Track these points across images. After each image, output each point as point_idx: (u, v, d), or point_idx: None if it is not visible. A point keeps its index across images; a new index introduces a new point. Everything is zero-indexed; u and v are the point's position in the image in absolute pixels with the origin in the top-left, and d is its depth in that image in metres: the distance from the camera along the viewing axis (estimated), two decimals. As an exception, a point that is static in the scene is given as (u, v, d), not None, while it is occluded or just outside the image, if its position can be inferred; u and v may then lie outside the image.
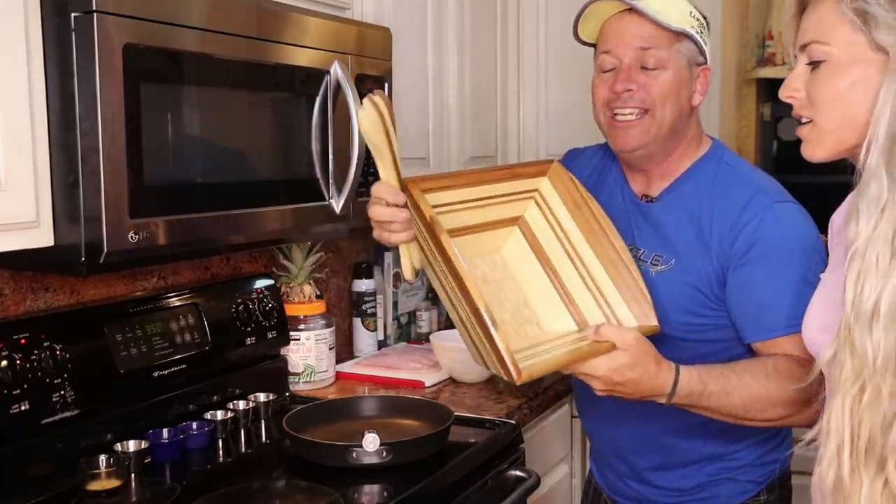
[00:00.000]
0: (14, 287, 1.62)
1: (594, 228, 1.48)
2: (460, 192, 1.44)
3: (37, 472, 1.53)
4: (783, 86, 1.16)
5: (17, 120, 1.28)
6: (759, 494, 1.63)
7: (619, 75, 1.53)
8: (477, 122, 2.54)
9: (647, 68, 1.52)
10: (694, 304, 1.53)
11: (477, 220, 1.46)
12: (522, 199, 1.51)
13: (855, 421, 1.03)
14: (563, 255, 1.48)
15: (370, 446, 1.58)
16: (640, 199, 1.62)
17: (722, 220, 1.51)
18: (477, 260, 1.43)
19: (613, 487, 1.75)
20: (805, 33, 1.12)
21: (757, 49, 3.53)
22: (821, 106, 1.11)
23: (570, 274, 1.47)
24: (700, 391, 1.37)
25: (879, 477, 1.02)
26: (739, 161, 1.63)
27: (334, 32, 1.79)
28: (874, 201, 1.02)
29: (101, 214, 1.32)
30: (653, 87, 1.52)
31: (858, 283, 1.02)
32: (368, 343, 2.45)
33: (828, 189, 1.40)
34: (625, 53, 1.53)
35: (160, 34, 1.40)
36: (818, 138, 1.13)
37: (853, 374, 1.03)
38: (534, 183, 1.51)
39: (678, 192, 1.59)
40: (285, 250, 2.15)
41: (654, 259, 1.57)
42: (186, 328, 1.83)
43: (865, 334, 1.01)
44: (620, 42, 1.53)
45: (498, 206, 1.48)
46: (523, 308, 1.44)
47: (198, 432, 1.77)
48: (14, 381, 1.47)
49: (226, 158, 1.59)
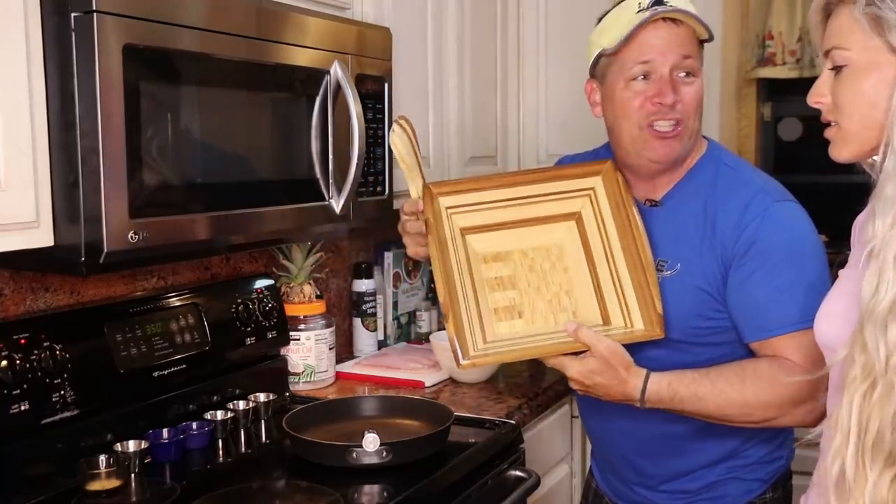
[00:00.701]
0: (14, 287, 1.62)
1: (627, 231, 1.57)
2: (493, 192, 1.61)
3: (37, 472, 1.53)
4: (811, 91, 1.19)
5: (17, 120, 1.28)
6: (766, 492, 1.63)
7: (663, 86, 1.49)
8: (477, 122, 2.54)
9: (688, 75, 1.50)
10: (702, 306, 1.53)
11: (527, 216, 1.61)
12: (580, 196, 1.62)
13: (863, 417, 1.04)
14: (601, 252, 1.58)
15: (370, 446, 1.58)
16: (643, 204, 1.61)
17: (725, 220, 1.51)
18: (529, 251, 1.58)
19: (619, 493, 1.75)
20: (828, 39, 1.16)
21: (757, 49, 3.53)
22: (844, 109, 1.14)
23: (603, 270, 1.57)
24: (670, 397, 1.44)
25: (888, 472, 1.03)
26: (738, 161, 1.63)
27: (334, 32, 1.79)
28: (890, 202, 1.05)
29: (100, 214, 1.32)
30: (689, 98, 1.51)
31: (874, 281, 1.04)
32: (368, 343, 2.45)
33: (828, 189, 1.40)
34: (664, 63, 1.49)
35: (160, 34, 1.39)
36: (843, 140, 1.16)
37: (863, 371, 1.04)
38: (590, 182, 1.63)
39: (681, 195, 1.58)
40: (285, 250, 2.15)
41: (659, 264, 1.56)
42: (186, 328, 1.83)
43: (879, 333, 1.03)
44: (663, 50, 1.49)
45: (548, 203, 1.62)
46: (563, 297, 1.56)
47: (198, 432, 1.77)
48: (14, 381, 1.47)
49: (226, 158, 1.59)
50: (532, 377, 2.24)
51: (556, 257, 1.59)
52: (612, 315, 1.52)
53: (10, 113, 1.27)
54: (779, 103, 3.68)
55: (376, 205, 1.93)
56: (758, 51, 3.52)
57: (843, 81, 1.13)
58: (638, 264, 1.53)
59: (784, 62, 3.46)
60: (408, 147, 1.52)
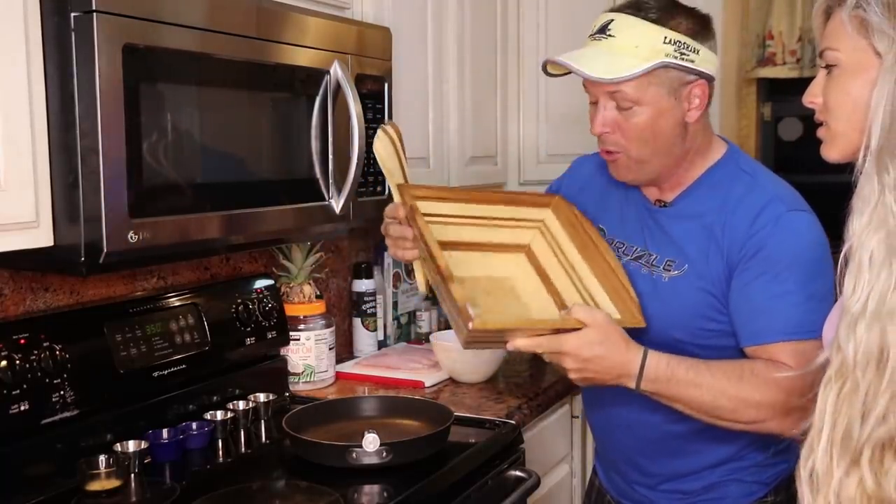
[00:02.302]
0: (14, 287, 1.62)
1: (587, 244, 1.59)
2: (459, 206, 1.59)
3: (37, 472, 1.53)
4: (806, 92, 1.20)
5: (17, 120, 1.28)
6: (767, 496, 1.62)
7: (596, 117, 1.52)
8: (477, 122, 2.54)
9: (621, 109, 1.50)
10: (707, 308, 1.52)
11: (477, 239, 1.59)
12: (528, 228, 1.64)
13: (835, 414, 1.05)
14: (560, 271, 1.59)
15: (370, 446, 1.58)
16: (653, 204, 1.61)
17: (735, 226, 1.50)
18: (481, 276, 1.54)
19: (622, 492, 1.75)
20: (823, 40, 1.17)
21: (757, 49, 3.52)
22: (832, 110, 1.15)
23: (564, 284, 1.57)
24: (667, 377, 1.42)
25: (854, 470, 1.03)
26: (757, 168, 1.60)
27: (334, 32, 1.79)
28: (866, 201, 1.05)
29: (100, 214, 1.32)
30: (626, 129, 1.50)
31: (851, 281, 1.05)
32: (368, 343, 2.45)
33: (828, 189, 1.40)
34: (593, 95, 1.52)
35: (160, 34, 1.40)
36: (832, 140, 1.17)
37: (838, 371, 1.05)
38: (539, 213, 1.65)
39: (692, 198, 1.57)
40: (285, 250, 2.15)
41: (666, 264, 1.55)
42: (186, 328, 1.83)
43: (850, 331, 1.03)
44: (590, 84, 1.52)
45: (503, 230, 1.62)
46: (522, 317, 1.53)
47: (198, 432, 1.77)
48: (14, 381, 1.47)
49: (225, 158, 1.59)
50: (532, 377, 2.24)
51: (508, 287, 1.57)
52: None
53: (9, 113, 1.27)
54: (779, 103, 3.67)
55: (376, 205, 1.93)
56: (758, 51, 3.52)
57: (832, 82, 1.15)
58: (607, 270, 1.54)
59: (784, 62, 3.46)
60: (389, 151, 1.55)
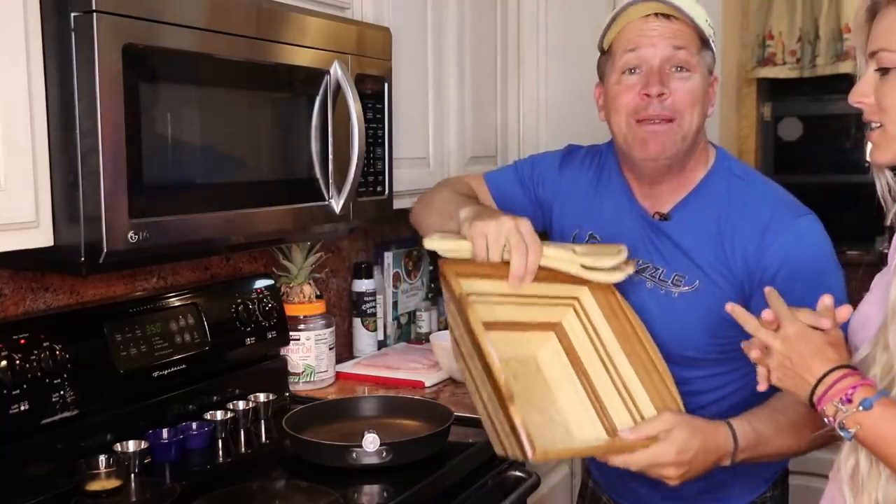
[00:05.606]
0: (14, 287, 1.62)
1: (629, 334, 1.43)
2: (497, 283, 1.39)
3: (37, 472, 1.53)
4: (852, 91, 1.16)
5: (17, 120, 1.28)
6: (766, 491, 1.63)
7: (651, 77, 1.45)
8: (477, 122, 2.53)
9: (680, 69, 1.45)
10: (714, 325, 1.49)
11: (511, 318, 1.42)
12: (561, 305, 1.46)
13: None
14: (597, 362, 1.44)
15: (370, 446, 1.58)
16: (652, 217, 1.57)
17: (744, 240, 1.47)
18: (509, 359, 1.38)
19: (613, 488, 1.74)
20: (875, 40, 1.13)
21: (757, 49, 3.53)
22: (889, 112, 1.12)
23: (603, 381, 1.42)
24: (756, 440, 1.34)
25: None
26: (749, 172, 1.58)
27: (334, 32, 1.79)
28: None
29: (100, 214, 1.32)
30: (683, 93, 1.45)
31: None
32: (368, 343, 2.45)
33: (827, 189, 1.40)
34: (654, 54, 1.45)
35: (160, 34, 1.39)
36: (886, 143, 1.14)
37: (883, 369, 1.05)
38: (574, 290, 1.46)
39: (692, 209, 1.54)
40: (285, 250, 2.15)
41: (675, 279, 1.53)
42: (186, 328, 1.83)
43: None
44: (651, 40, 1.45)
45: (534, 308, 1.44)
46: (552, 411, 1.39)
47: (197, 432, 1.77)
48: (14, 381, 1.47)
49: (225, 158, 1.59)
50: (532, 377, 2.24)
51: (535, 369, 1.44)
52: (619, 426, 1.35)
53: (9, 113, 1.26)
54: (779, 103, 3.67)
55: (376, 205, 1.93)
56: (758, 51, 3.52)
57: (889, 83, 1.11)
58: (648, 365, 1.39)
59: (784, 62, 3.46)
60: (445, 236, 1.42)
